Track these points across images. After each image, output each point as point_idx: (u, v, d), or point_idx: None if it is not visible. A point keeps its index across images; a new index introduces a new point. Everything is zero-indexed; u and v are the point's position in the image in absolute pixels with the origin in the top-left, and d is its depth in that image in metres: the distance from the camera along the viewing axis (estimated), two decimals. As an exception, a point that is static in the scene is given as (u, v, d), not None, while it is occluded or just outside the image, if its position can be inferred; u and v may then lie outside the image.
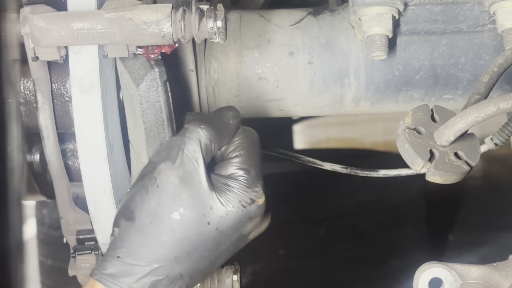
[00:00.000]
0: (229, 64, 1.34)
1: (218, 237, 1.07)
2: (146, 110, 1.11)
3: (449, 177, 1.03)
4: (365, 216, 2.70)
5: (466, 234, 3.66)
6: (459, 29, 1.31)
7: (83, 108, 1.11)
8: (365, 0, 1.23)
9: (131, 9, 1.07)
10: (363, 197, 2.68)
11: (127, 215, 1.08)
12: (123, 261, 1.06)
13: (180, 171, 1.05)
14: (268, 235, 2.60)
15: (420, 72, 1.34)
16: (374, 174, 1.36)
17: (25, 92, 1.20)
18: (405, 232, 2.88)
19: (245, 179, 1.06)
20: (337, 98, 1.36)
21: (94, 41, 1.07)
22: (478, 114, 1.01)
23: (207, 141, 1.06)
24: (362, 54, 1.34)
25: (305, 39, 1.35)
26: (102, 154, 1.12)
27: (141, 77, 1.11)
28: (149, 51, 1.09)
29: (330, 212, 2.65)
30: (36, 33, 1.06)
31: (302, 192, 2.61)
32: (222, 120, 1.09)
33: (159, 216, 1.05)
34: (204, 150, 1.06)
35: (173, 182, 1.05)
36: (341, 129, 5.55)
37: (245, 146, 1.10)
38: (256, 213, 1.08)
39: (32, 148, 1.23)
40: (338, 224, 2.65)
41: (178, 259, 1.06)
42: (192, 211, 1.04)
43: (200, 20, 1.08)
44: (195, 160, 1.05)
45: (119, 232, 1.08)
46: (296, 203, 2.60)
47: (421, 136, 1.05)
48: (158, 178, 1.05)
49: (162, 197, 1.05)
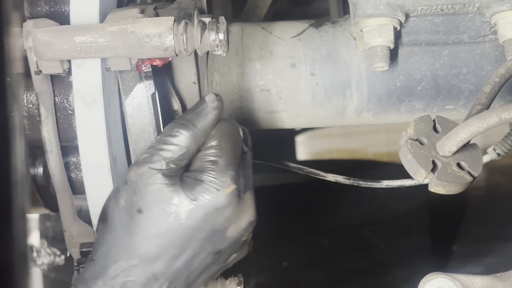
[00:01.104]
0: (232, 76, 1.35)
1: (187, 232, 1.05)
2: (133, 123, 1.14)
3: (452, 188, 1.03)
4: (369, 227, 2.70)
5: (470, 244, 3.65)
6: (460, 40, 1.31)
7: (86, 121, 1.11)
8: (366, 12, 1.23)
9: (134, 22, 1.07)
10: (367, 208, 2.68)
11: (102, 218, 1.08)
12: (96, 263, 1.06)
13: (146, 167, 1.04)
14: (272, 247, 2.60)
15: (422, 83, 1.34)
16: (377, 184, 1.37)
17: (28, 105, 1.21)
18: (409, 242, 2.88)
19: (212, 169, 1.05)
20: (339, 109, 1.36)
21: (97, 55, 1.07)
22: (480, 125, 1.01)
23: (182, 142, 1.05)
24: (364, 65, 1.34)
25: (306, 51, 1.35)
26: (105, 167, 1.13)
27: (130, 89, 1.12)
28: (140, 63, 1.11)
29: (333, 223, 2.65)
30: (39, 47, 1.07)
31: (306, 203, 2.61)
32: (200, 116, 1.08)
33: (127, 213, 1.05)
34: (178, 150, 1.05)
35: (141, 177, 1.04)
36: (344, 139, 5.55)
37: (217, 137, 1.09)
38: (222, 203, 1.05)
39: (36, 161, 1.24)
40: (342, 235, 2.65)
41: (148, 258, 1.04)
42: (157, 207, 1.03)
43: (202, 32, 1.09)
44: (163, 157, 1.04)
45: (97, 236, 1.09)
46: (299, 215, 2.60)
47: (423, 147, 1.05)
48: (128, 175, 1.05)
49: (129, 194, 1.05)
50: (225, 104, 1.34)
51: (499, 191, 4.33)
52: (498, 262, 3.23)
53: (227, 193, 1.05)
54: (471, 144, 1.07)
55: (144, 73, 1.12)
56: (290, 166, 1.37)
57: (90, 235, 1.23)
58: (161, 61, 1.11)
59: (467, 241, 3.70)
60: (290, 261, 2.60)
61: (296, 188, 2.55)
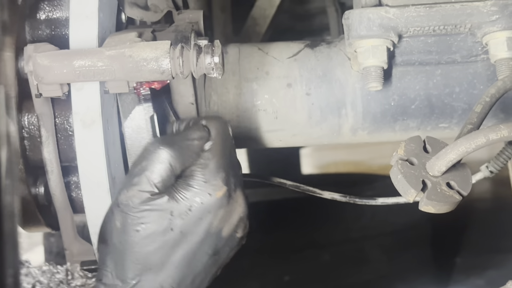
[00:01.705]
0: (229, 97, 1.37)
1: (186, 239, 1.09)
2: (132, 144, 1.16)
3: (442, 207, 1.05)
4: (370, 241, 2.71)
5: (473, 257, 3.65)
6: (453, 60, 1.33)
7: (85, 143, 1.14)
8: (359, 33, 1.26)
9: (131, 46, 1.10)
10: (368, 222, 2.69)
11: (101, 239, 1.12)
12: (104, 283, 1.09)
13: (135, 190, 1.07)
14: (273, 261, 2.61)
15: (415, 102, 1.36)
16: (373, 202, 1.38)
17: (29, 127, 1.23)
18: (411, 256, 2.88)
19: (202, 174, 1.08)
20: (335, 128, 1.38)
21: (96, 78, 1.10)
22: (468, 145, 1.04)
23: (166, 161, 1.07)
24: (358, 85, 1.36)
25: (302, 71, 1.38)
26: (105, 187, 1.16)
27: (129, 112, 1.15)
28: (139, 86, 1.13)
29: (335, 237, 2.66)
30: (40, 71, 1.10)
31: (307, 217, 2.62)
32: (186, 139, 1.10)
33: (125, 234, 1.08)
34: (163, 170, 1.07)
35: (132, 200, 1.07)
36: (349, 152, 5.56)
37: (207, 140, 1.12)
38: (215, 206, 1.09)
39: (37, 181, 1.26)
40: (343, 249, 2.67)
41: (153, 270, 1.09)
42: (153, 223, 1.07)
43: (198, 56, 1.11)
44: (149, 179, 1.07)
45: (99, 256, 1.12)
46: (300, 229, 2.61)
47: (413, 167, 1.07)
48: (119, 199, 1.08)
49: (124, 216, 1.08)
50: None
51: (503, 203, 4.32)
52: (502, 274, 3.22)
53: (219, 196, 1.09)
54: (461, 163, 1.09)
55: (142, 96, 1.15)
56: (287, 184, 1.39)
57: (91, 253, 1.25)
58: (160, 84, 1.13)
59: (470, 253, 3.70)
60: (292, 275, 2.61)
61: (297, 203, 2.56)
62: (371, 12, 1.25)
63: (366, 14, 1.25)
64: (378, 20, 1.25)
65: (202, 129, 1.12)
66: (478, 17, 1.24)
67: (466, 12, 1.24)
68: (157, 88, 1.14)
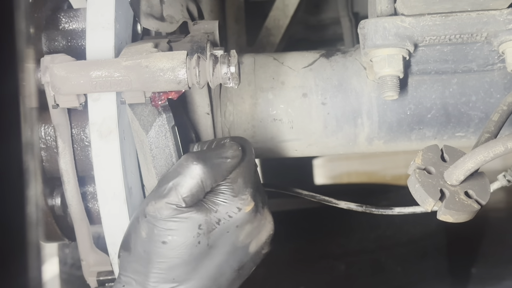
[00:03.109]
0: (244, 106, 1.37)
1: (213, 253, 1.10)
2: (156, 156, 1.15)
3: (460, 216, 1.05)
4: (385, 251, 2.70)
5: (489, 267, 3.63)
6: (469, 68, 1.33)
7: (102, 153, 1.14)
8: (375, 42, 1.26)
9: (147, 56, 1.10)
10: (383, 232, 2.68)
11: (124, 246, 1.13)
12: None
13: (163, 202, 1.07)
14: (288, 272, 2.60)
15: (432, 111, 1.36)
16: (389, 211, 1.38)
17: (46, 137, 1.24)
18: (426, 266, 2.86)
19: (231, 189, 1.09)
20: (351, 137, 1.38)
21: (112, 88, 1.10)
22: (486, 154, 1.03)
23: (198, 177, 1.07)
24: (374, 94, 1.36)
25: (318, 81, 1.37)
26: (121, 198, 1.16)
27: (149, 124, 1.15)
28: (157, 97, 1.13)
29: (350, 247, 2.65)
30: (56, 82, 1.10)
31: (322, 228, 2.62)
32: (220, 157, 1.10)
33: (151, 244, 1.08)
34: (194, 185, 1.07)
35: (159, 212, 1.07)
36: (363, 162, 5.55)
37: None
38: (243, 221, 1.10)
39: (53, 192, 1.26)
40: (358, 260, 2.66)
41: (177, 281, 1.09)
42: (180, 236, 1.07)
43: (214, 66, 1.11)
44: (179, 192, 1.07)
45: (120, 263, 1.13)
46: (315, 239, 2.60)
47: (431, 176, 1.07)
48: (146, 209, 1.08)
49: (151, 226, 1.08)
50: (238, 134, 1.37)
51: (519, 213, 4.30)
52: (518, 285, 3.21)
53: (247, 211, 1.09)
54: (478, 172, 1.09)
55: (161, 107, 1.14)
56: (303, 194, 1.39)
57: (107, 263, 1.25)
58: (177, 94, 1.13)
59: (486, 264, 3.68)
60: (307, 285, 2.60)
61: (312, 213, 2.56)
62: (387, 21, 1.25)
63: (382, 23, 1.25)
64: (394, 29, 1.25)
65: (236, 149, 1.12)
66: (495, 25, 1.24)
67: (482, 20, 1.24)
68: (174, 98, 1.13)
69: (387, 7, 1.28)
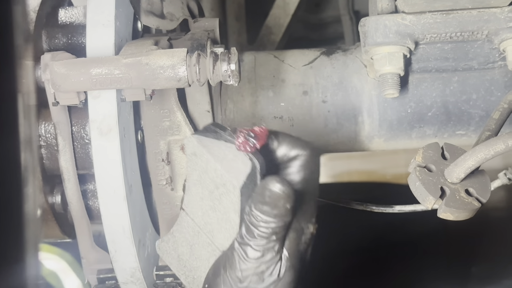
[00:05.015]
0: (245, 104, 1.37)
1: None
2: (242, 202, 1.03)
3: (461, 214, 1.05)
4: (384, 250, 2.69)
5: (489, 266, 3.63)
6: (470, 67, 1.33)
7: (102, 151, 1.14)
8: (376, 40, 1.26)
9: (148, 54, 1.10)
10: (383, 231, 2.67)
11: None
12: None
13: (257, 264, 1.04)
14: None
15: (432, 109, 1.36)
16: (390, 210, 1.37)
17: (46, 135, 1.24)
18: (426, 265, 2.86)
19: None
20: (351, 135, 1.38)
21: (112, 86, 1.10)
22: (487, 152, 1.03)
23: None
24: (374, 92, 1.36)
25: (318, 79, 1.37)
26: (121, 195, 1.15)
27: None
28: (246, 143, 1.01)
29: (349, 246, 2.65)
30: (57, 79, 1.10)
31: (321, 227, 2.61)
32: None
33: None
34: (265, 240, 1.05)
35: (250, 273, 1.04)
36: (363, 161, 5.53)
37: None
38: None
39: (54, 189, 1.26)
40: (357, 259, 2.65)
41: None
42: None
43: (214, 63, 1.11)
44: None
45: None
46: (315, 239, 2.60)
47: (432, 174, 1.07)
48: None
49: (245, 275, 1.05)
50: (239, 132, 1.36)
51: (518, 211, 4.30)
52: (518, 284, 3.20)
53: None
54: (479, 170, 1.09)
55: (251, 153, 1.02)
56: (303, 192, 1.38)
57: (107, 261, 1.25)
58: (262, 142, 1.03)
59: (486, 263, 3.67)
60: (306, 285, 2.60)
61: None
62: (388, 19, 1.25)
63: (383, 21, 1.25)
64: (395, 27, 1.24)
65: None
66: (495, 23, 1.24)
67: (483, 18, 1.23)
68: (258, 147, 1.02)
69: (388, 5, 1.28)
